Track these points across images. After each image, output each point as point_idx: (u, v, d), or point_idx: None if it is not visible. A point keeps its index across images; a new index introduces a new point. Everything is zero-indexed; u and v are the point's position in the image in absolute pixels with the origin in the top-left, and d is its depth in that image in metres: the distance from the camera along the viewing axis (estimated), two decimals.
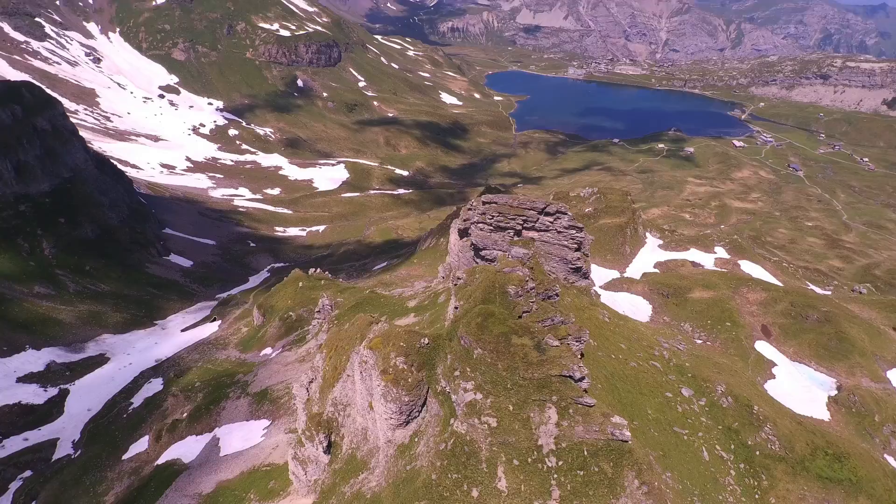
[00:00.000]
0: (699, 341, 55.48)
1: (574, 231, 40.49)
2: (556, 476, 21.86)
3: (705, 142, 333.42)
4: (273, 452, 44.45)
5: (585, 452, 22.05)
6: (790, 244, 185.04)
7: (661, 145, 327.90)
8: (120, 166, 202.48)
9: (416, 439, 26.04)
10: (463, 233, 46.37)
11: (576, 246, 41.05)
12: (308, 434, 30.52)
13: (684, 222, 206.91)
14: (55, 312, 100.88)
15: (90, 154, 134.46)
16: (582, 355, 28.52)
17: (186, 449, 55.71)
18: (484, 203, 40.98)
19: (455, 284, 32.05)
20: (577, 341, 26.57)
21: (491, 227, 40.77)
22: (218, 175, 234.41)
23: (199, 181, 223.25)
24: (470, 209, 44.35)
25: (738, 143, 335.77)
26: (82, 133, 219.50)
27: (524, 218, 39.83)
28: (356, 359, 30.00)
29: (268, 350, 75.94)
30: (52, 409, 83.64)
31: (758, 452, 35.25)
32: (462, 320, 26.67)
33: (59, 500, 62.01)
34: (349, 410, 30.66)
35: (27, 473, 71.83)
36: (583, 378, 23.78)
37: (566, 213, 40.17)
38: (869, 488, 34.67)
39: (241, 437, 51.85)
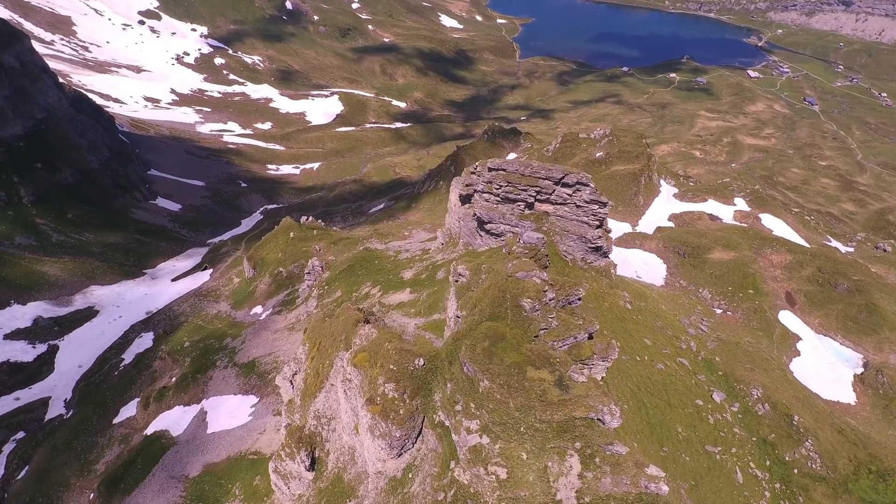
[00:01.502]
0: (719, 311, 51.48)
1: (597, 206, 35.00)
2: None
3: (719, 72, 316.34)
4: (260, 438, 41.69)
5: None
6: (802, 185, 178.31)
7: (672, 75, 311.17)
8: (102, 101, 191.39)
9: (410, 475, 22.43)
10: (465, 198, 40.82)
11: (597, 223, 35.71)
12: (289, 451, 27.12)
13: (694, 160, 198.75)
14: (39, 264, 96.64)
15: (64, 92, 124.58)
16: None
17: (174, 420, 53.45)
18: (490, 170, 35.17)
19: (456, 281, 27.32)
20: (603, 360, 22.22)
21: (498, 199, 35.27)
22: (205, 108, 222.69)
23: (186, 115, 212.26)
24: (474, 173, 38.56)
25: (753, 74, 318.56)
26: (60, 65, 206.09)
27: (537, 189, 34.26)
28: (340, 372, 25.83)
29: (258, 309, 72.44)
30: (42, 366, 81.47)
31: (796, 471, 32.12)
32: (465, 341, 22.11)
33: (50, 467, 60.72)
34: (334, 424, 27.02)
35: (20, 435, 70.56)
36: (613, 419, 19.70)
37: (588, 185, 34.47)
38: None
39: (228, 413, 49.20)
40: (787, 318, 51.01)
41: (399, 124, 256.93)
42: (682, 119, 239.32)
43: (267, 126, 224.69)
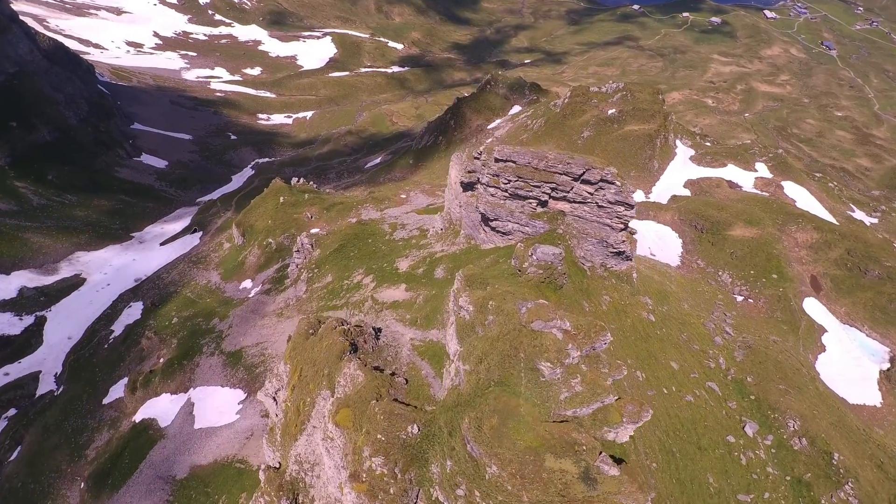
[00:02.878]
0: (740, 298, 47.93)
1: (622, 208, 30.38)
2: None
3: (734, 11, 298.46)
4: (247, 443, 39.31)
5: None
6: (817, 137, 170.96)
7: (686, 14, 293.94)
8: (81, 47, 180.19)
9: None
10: (468, 186, 36.16)
11: (622, 225, 31.20)
12: (268, 499, 24.31)
13: (706, 109, 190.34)
14: (21, 231, 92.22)
15: (37, 42, 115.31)
16: None
17: (161, 409, 51.23)
18: (497, 160, 30.33)
19: (457, 314, 23.40)
20: (633, 423, 18.80)
21: (506, 194, 30.71)
22: (190, 53, 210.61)
23: (171, 61, 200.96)
24: (477, 158, 33.71)
25: (769, 14, 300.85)
26: (36, 9, 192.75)
27: (553, 185, 29.65)
28: (321, 420, 22.46)
29: (248, 283, 69.03)
30: (31, 338, 78.95)
31: None
32: (469, 412, 18.45)
33: (41, 449, 59.27)
34: (318, 471, 24.01)
35: (12, 412, 68.97)
36: None
37: (613, 183, 29.75)
38: None
39: (215, 407, 46.78)
40: (813, 307, 47.61)
41: (396, 68, 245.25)
42: (695, 64, 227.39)
43: (256, 71, 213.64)
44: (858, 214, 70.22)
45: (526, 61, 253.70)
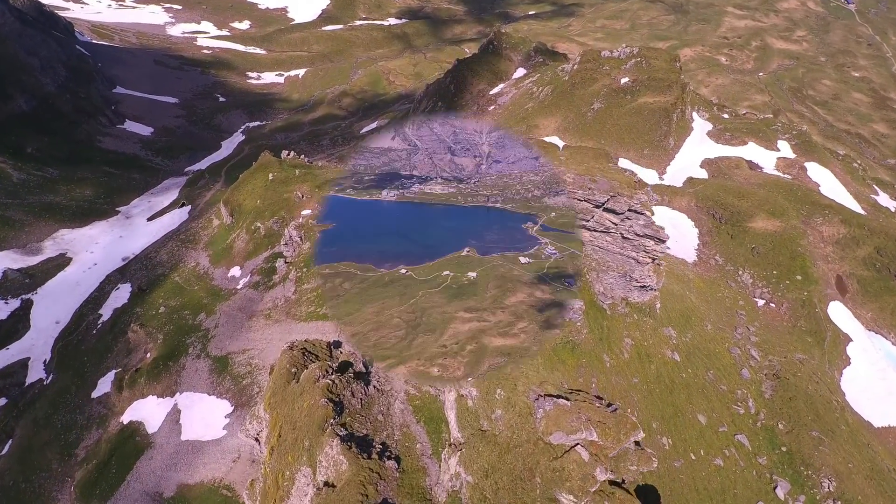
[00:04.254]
0: (761, 301, 44.76)
1: (652, 242, 26.45)
2: None
3: None
4: (234, 467, 37.24)
5: None
6: (833, 100, 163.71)
7: None
8: (60, 2, 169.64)
9: None
10: None
11: (649, 259, 27.38)
12: None
13: (719, 67, 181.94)
14: (2, 209, 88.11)
15: (7, 3, 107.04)
16: None
17: (148, 413, 49.23)
18: None
19: (458, 392, 20.14)
20: None
21: None
22: (175, 6, 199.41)
23: (154, 15, 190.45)
24: None
25: None
26: None
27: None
28: (300, 500, 19.69)
29: (236, 271, 65.83)
30: (18, 323, 76.42)
31: None
32: None
33: (31, 445, 57.77)
34: None
35: (2, 402, 67.33)
36: None
37: (642, 214, 25.83)
38: None
39: (202, 418, 44.69)
40: (838, 311, 44.62)
41: (393, 20, 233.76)
42: (708, 17, 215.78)
43: (245, 25, 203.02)
44: (882, 198, 66.18)
45: (531, 13, 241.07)
